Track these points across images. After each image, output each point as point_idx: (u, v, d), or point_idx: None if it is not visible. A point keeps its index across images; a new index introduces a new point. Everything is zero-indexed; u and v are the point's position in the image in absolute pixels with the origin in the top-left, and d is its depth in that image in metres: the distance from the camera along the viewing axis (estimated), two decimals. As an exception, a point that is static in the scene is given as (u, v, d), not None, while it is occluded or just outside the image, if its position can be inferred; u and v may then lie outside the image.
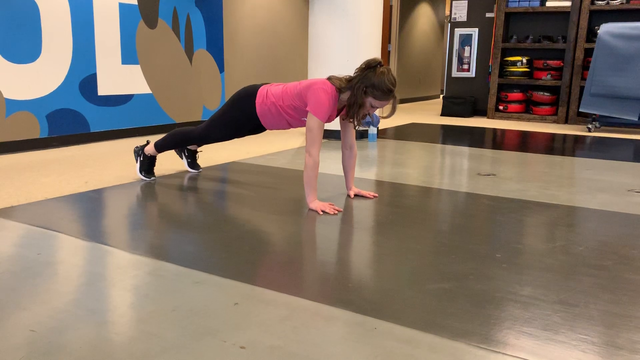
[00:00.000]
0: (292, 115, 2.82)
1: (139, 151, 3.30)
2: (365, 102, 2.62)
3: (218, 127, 3.04)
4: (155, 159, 3.33)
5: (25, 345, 1.38)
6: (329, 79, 2.71)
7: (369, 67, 2.61)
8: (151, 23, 5.32)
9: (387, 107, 2.71)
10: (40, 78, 4.42)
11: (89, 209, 2.66)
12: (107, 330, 1.46)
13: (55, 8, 4.45)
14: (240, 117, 2.95)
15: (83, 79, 4.74)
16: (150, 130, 5.44)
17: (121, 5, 4.99)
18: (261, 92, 2.88)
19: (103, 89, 4.93)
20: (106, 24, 4.88)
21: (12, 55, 4.20)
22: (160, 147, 3.25)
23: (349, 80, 2.67)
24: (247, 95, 2.92)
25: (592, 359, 1.36)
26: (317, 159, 2.67)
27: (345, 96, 2.69)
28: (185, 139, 3.22)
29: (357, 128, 2.80)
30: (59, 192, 3.01)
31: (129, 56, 5.13)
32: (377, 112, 2.82)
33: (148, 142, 3.31)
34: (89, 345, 1.38)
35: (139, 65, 5.24)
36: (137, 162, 3.30)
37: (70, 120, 4.68)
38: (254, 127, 3.01)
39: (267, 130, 5.97)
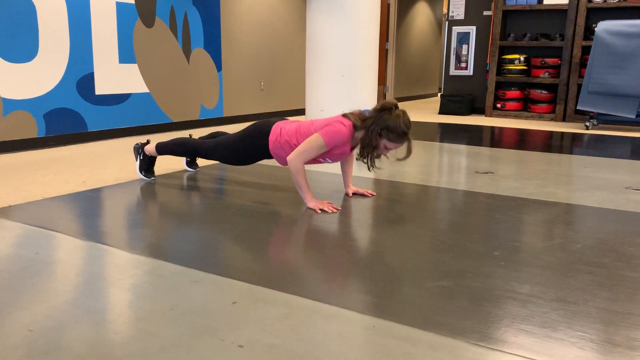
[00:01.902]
0: None
1: (139, 149, 3.26)
2: (379, 144, 2.62)
3: (227, 152, 2.98)
4: (155, 159, 3.31)
5: (23, 344, 1.37)
6: (345, 115, 2.70)
7: (384, 109, 2.60)
8: (148, 22, 5.31)
9: (403, 148, 2.67)
10: (37, 77, 4.41)
11: (87, 209, 2.65)
12: (106, 330, 1.45)
13: (52, 7, 4.44)
14: (251, 150, 2.92)
15: (80, 78, 4.74)
16: (148, 129, 5.44)
17: (118, 4, 4.98)
18: (275, 129, 2.83)
19: (100, 88, 4.92)
20: (103, 23, 4.87)
21: (9, 54, 4.20)
22: (162, 151, 3.20)
23: (364, 119, 2.66)
24: (261, 132, 2.86)
25: (590, 356, 1.36)
26: (299, 165, 2.66)
27: (359, 134, 2.69)
28: (189, 150, 3.18)
29: (370, 169, 2.71)
30: (57, 191, 3.00)
31: (126, 55, 5.12)
32: (389, 155, 2.80)
33: (148, 141, 3.28)
34: (87, 345, 1.37)
35: (136, 65, 5.23)
36: (136, 160, 3.28)
37: (67, 120, 4.68)
38: (264, 158, 2.99)
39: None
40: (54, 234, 2.24)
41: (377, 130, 2.58)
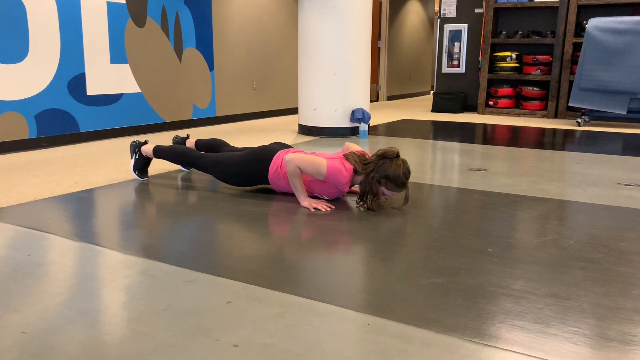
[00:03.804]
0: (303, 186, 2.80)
1: (135, 148, 3.23)
2: (378, 191, 2.63)
3: (226, 171, 2.96)
4: (151, 161, 3.30)
5: (16, 346, 1.36)
6: (347, 158, 2.70)
7: (386, 157, 2.60)
8: (140, 22, 5.28)
9: (400, 195, 2.69)
10: (28, 78, 4.38)
11: (79, 210, 2.64)
12: (99, 331, 1.45)
13: (43, 7, 4.41)
14: (250, 176, 2.92)
15: (71, 79, 4.71)
16: (141, 129, 5.41)
17: (109, 4, 4.95)
18: (276, 160, 2.83)
19: (92, 89, 4.89)
20: (94, 23, 4.85)
21: (-1, 55, 4.17)
22: (160, 155, 3.18)
23: (365, 163, 2.66)
24: (263, 159, 2.86)
25: (584, 351, 1.36)
26: (296, 169, 2.67)
27: (358, 178, 2.70)
28: (187, 161, 3.12)
29: (367, 209, 2.68)
30: (49, 192, 2.99)
31: (117, 55, 5.10)
32: (385, 202, 2.83)
33: (146, 142, 3.25)
34: (81, 346, 1.37)
35: (128, 64, 5.21)
36: (132, 158, 3.26)
37: (59, 121, 4.65)
38: (261, 183, 2.98)
39: (258, 129, 5.96)
40: (46, 236, 2.23)
41: (376, 178, 2.59)
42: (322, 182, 2.72)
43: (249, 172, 2.91)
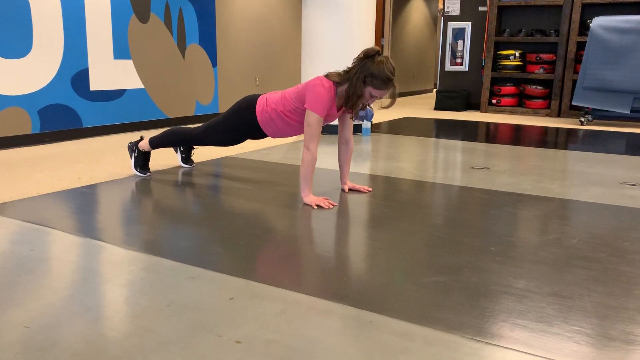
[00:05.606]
0: (294, 119, 2.79)
1: (132, 147, 3.28)
2: (364, 92, 2.60)
3: (217, 132, 3.01)
4: (150, 154, 3.32)
5: (19, 341, 1.37)
6: (326, 75, 2.70)
7: (367, 56, 2.58)
8: (143, 17, 5.28)
9: (386, 98, 2.68)
10: (31, 73, 4.38)
11: (82, 205, 2.64)
12: (102, 326, 1.45)
13: (46, 2, 4.41)
14: (241, 125, 2.94)
15: (75, 74, 4.71)
16: (143, 125, 5.42)
17: (113, 0, 4.95)
18: (260, 100, 2.87)
19: (95, 84, 4.90)
20: (98, 19, 4.85)
21: (2, 50, 4.17)
22: (155, 144, 3.22)
23: (347, 71, 2.65)
24: (247, 106, 2.90)
25: (586, 351, 1.37)
26: (316, 154, 2.67)
27: (343, 89, 2.67)
28: (181, 139, 3.20)
29: (352, 118, 2.78)
30: (52, 188, 2.99)
31: (121, 51, 5.10)
32: (374, 105, 2.80)
33: (142, 138, 3.29)
34: (84, 341, 1.37)
35: (131, 60, 5.21)
36: (131, 157, 3.29)
37: (62, 116, 4.65)
38: (255, 135, 3.00)
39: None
40: (49, 231, 2.24)
41: (361, 78, 2.55)
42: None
43: (239, 123, 2.93)
